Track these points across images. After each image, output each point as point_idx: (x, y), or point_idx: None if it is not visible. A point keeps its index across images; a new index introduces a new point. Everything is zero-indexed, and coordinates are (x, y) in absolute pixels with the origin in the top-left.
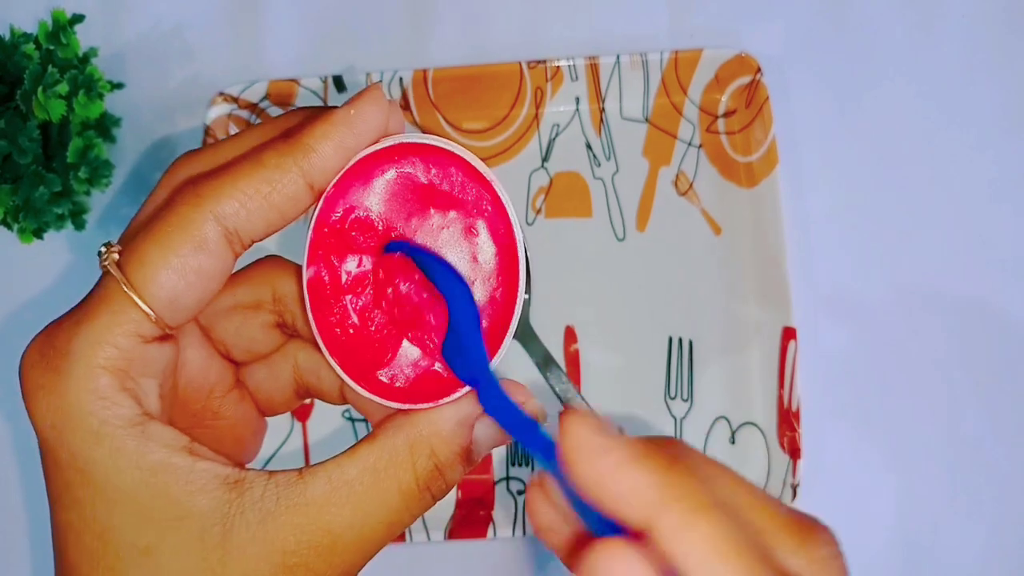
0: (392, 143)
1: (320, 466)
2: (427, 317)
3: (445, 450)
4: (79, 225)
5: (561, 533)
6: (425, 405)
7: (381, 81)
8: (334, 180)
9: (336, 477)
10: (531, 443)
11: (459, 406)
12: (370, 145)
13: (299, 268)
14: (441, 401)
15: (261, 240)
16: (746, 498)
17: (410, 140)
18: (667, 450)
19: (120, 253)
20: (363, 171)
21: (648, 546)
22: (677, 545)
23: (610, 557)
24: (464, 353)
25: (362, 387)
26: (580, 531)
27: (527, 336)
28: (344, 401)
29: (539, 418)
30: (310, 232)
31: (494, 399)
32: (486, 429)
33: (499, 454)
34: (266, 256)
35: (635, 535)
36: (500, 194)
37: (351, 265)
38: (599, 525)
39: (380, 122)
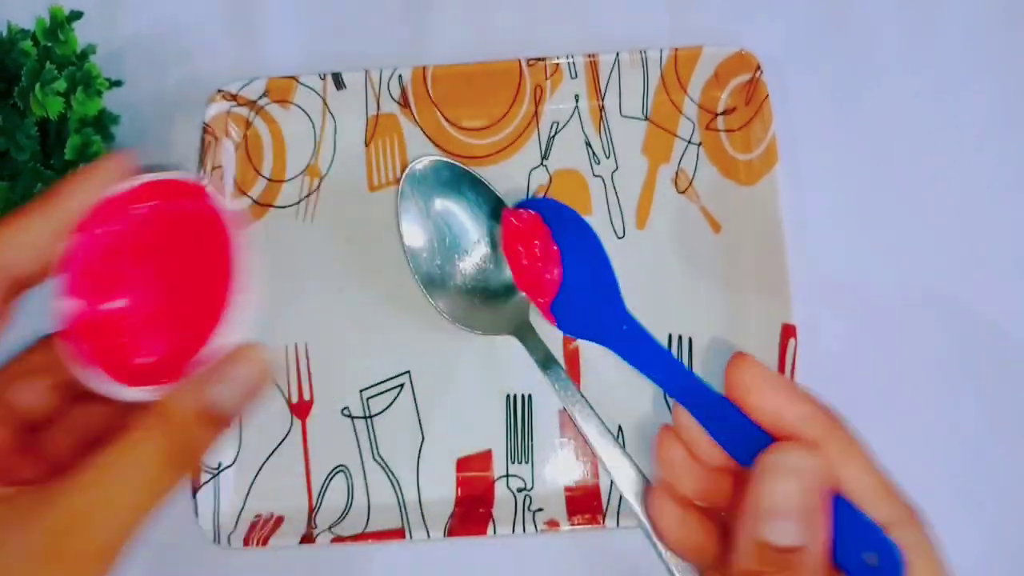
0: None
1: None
2: (547, 275)
3: (179, 416)
4: None
5: (686, 466)
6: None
7: (380, 78)
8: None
9: (85, 467)
10: (679, 378)
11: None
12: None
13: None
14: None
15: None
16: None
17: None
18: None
19: None
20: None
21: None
22: (841, 466)
23: (798, 451)
24: (602, 307)
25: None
26: (709, 465)
27: (527, 334)
28: None
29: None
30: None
31: (641, 343)
32: (227, 389)
33: (499, 452)
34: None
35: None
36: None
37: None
38: (744, 454)
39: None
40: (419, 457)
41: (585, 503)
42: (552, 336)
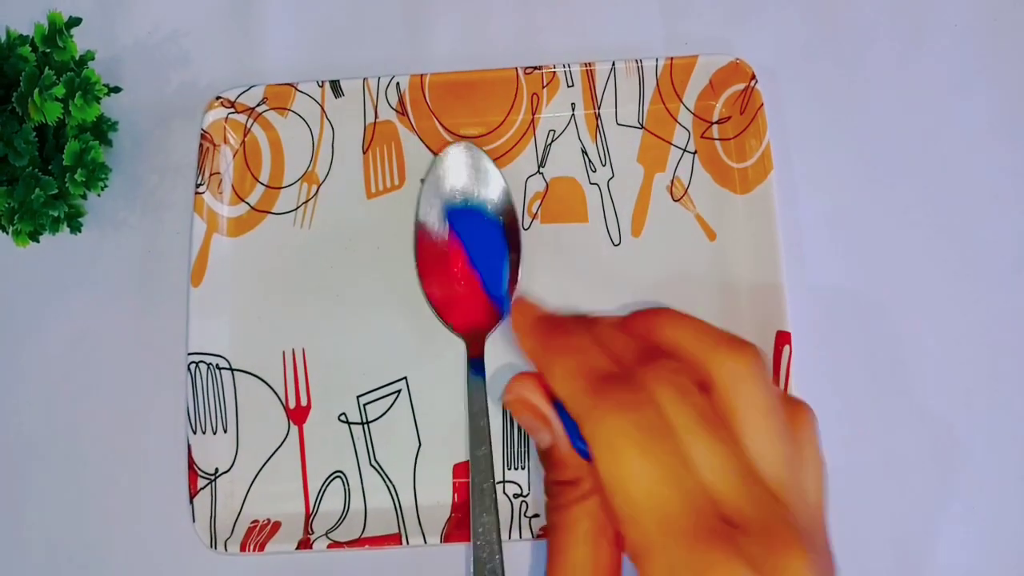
0: None
1: None
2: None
3: None
4: (75, 228)
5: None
6: None
7: (378, 86)
8: None
9: None
10: None
11: None
12: None
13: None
14: None
15: None
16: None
17: None
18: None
19: None
20: None
21: None
22: (556, 382)
23: (507, 390)
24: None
25: None
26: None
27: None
28: None
29: None
30: None
31: None
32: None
33: (496, 459)
34: None
35: None
36: None
37: None
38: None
39: None
40: (416, 463)
41: None
42: None
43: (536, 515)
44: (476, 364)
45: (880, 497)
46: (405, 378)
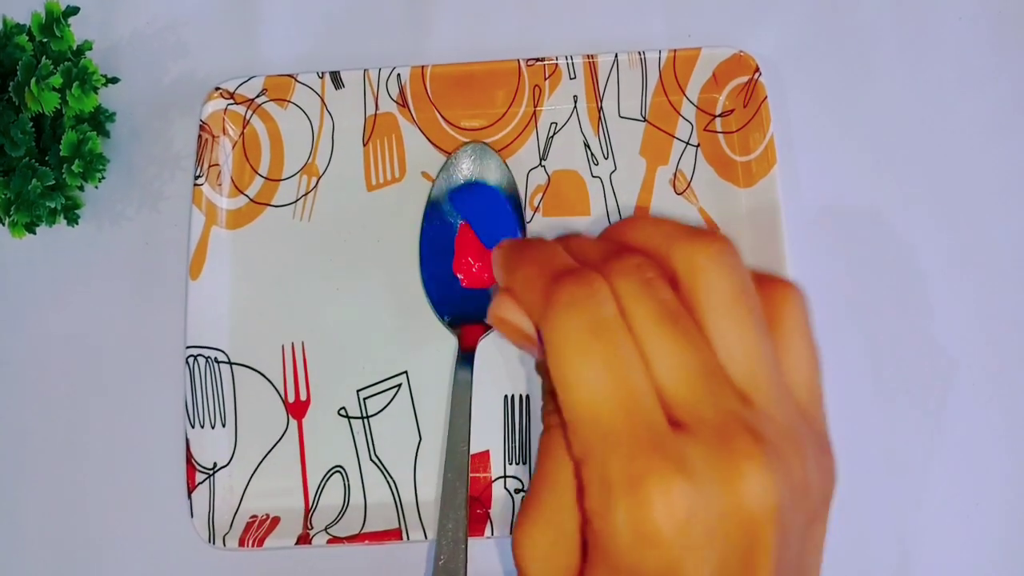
0: None
1: None
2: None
3: None
4: (72, 220)
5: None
6: None
7: (379, 77)
8: None
9: None
10: None
11: None
12: None
13: None
14: None
15: None
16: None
17: None
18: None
19: None
20: None
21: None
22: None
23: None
24: None
25: None
26: None
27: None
28: None
29: None
30: None
31: None
32: None
33: (497, 453)
34: None
35: None
36: None
37: None
38: None
39: None
40: (416, 457)
41: None
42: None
43: None
44: (465, 359)
45: (881, 496)
46: (405, 372)
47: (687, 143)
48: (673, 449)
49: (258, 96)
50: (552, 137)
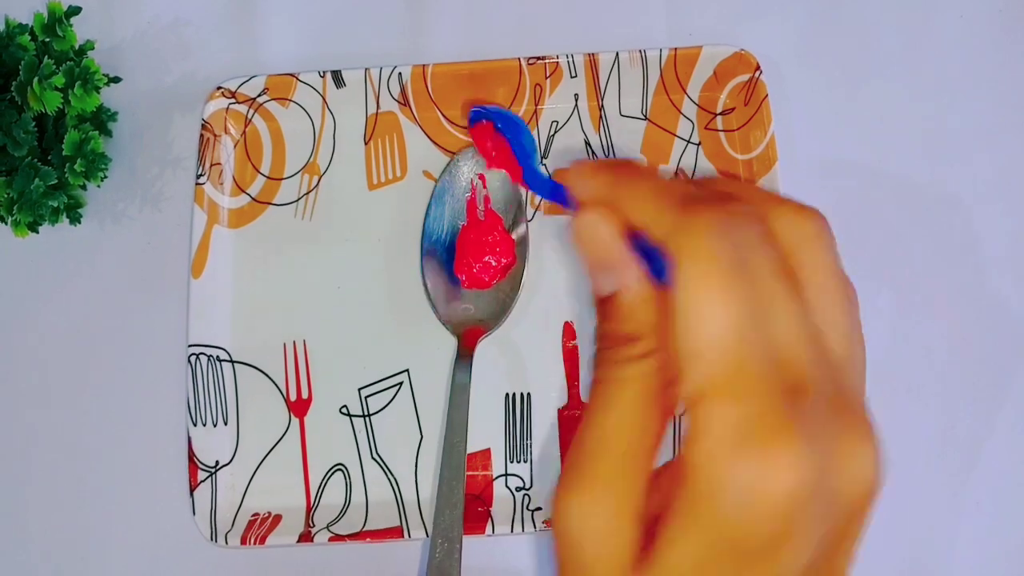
0: None
1: None
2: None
3: None
4: (74, 219)
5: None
6: None
7: (380, 76)
8: None
9: None
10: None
11: None
12: None
13: None
14: None
15: None
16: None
17: None
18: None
19: None
20: None
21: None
22: (630, 209)
23: (581, 216)
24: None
25: None
26: None
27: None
28: None
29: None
30: None
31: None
32: None
33: (498, 451)
34: None
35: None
36: None
37: None
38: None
39: None
40: (417, 456)
41: None
42: (551, 333)
43: (539, 508)
44: (464, 361)
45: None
46: (407, 370)
47: (688, 141)
48: (805, 414)
49: (260, 95)
50: (553, 136)
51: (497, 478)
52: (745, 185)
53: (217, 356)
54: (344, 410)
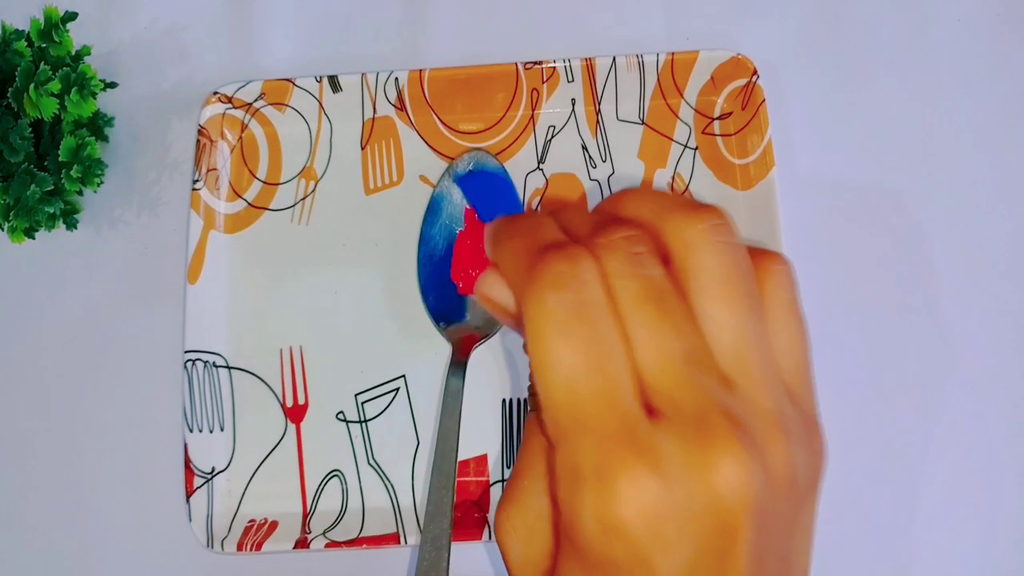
0: None
1: None
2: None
3: None
4: (71, 225)
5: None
6: None
7: (376, 81)
8: None
9: None
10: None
11: None
12: None
13: None
14: None
15: None
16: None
17: None
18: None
19: None
20: None
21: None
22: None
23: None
24: None
25: None
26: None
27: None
28: None
29: None
30: None
31: None
32: None
33: (494, 457)
34: None
35: None
36: None
37: None
38: None
39: None
40: (414, 461)
41: None
42: None
43: None
44: (458, 367)
45: (879, 498)
46: (404, 376)
47: (685, 146)
48: (646, 440)
49: (256, 100)
50: (550, 140)
51: (494, 484)
52: (647, 197)
53: (213, 362)
54: (340, 416)
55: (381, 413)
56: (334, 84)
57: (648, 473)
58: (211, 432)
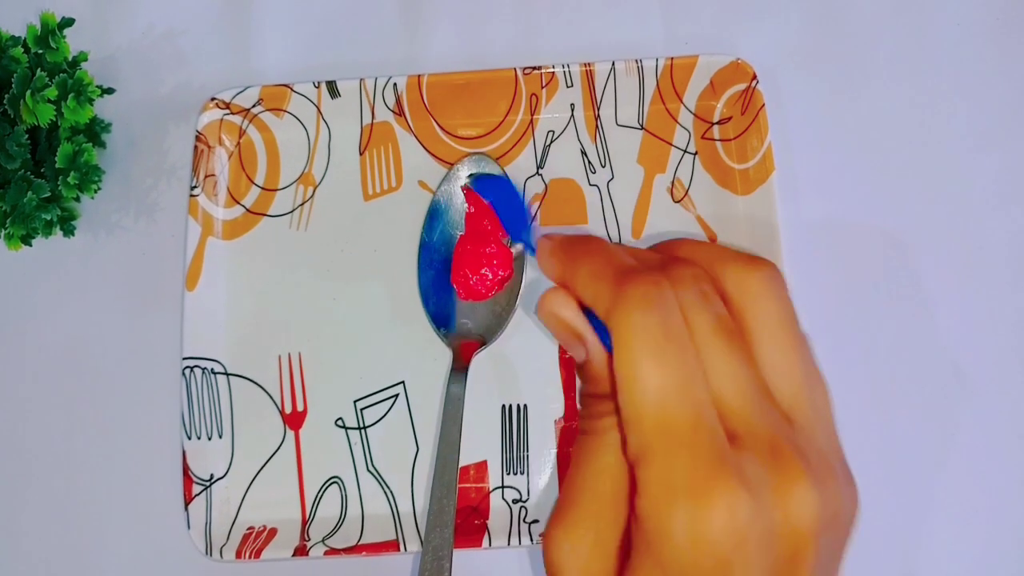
0: None
1: None
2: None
3: None
4: (68, 231)
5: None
6: None
7: (375, 86)
8: None
9: None
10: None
11: None
12: None
13: None
14: None
15: None
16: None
17: None
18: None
19: None
20: None
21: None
22: (579, 287)
23: (542, 301)
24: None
25: None
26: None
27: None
28: None
29: None
30: None
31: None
32: None
33: (494, 463)
34: None
35: None
36: None
37: None
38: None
39: None
40: (414, 468)
41: None
42: (550, 345)
43: (536, 520)
44: (458, 373)
45: (880, 500)
46: (403, 382)
47: (685, 151)
48: (735, 462)
49: (254, 106)
50: (549, 145)
51: (494, 490)
52: (700, 245)
53: (212, 369)
54: (339, 422)
55: (380, 419)
56: (332, 89)
57: (744, 494)
58: (209, 439)
